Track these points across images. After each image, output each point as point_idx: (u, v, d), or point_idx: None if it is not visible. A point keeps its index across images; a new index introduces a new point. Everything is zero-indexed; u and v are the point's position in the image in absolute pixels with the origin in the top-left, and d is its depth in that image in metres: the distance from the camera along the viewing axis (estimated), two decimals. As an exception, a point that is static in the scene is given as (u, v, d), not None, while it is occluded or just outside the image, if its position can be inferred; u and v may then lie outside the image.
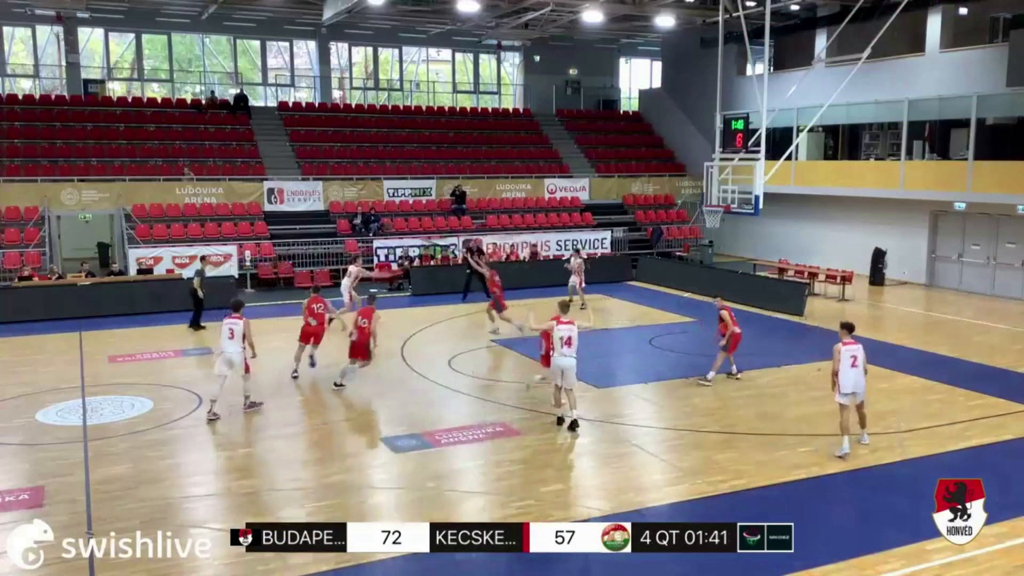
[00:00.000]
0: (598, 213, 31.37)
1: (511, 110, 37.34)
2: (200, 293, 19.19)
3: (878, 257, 25.83)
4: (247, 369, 12.76)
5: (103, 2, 29.06)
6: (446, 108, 35.90)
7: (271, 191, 27.83)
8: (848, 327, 11.23)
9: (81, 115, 28.97)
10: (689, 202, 32.87)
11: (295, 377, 14.89)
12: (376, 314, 13.72)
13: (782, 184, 25.56)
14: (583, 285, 21.65)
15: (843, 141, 29.43)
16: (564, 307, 12.50)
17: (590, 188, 32.48)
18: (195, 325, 19.38)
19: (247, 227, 26.60)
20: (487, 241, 27.14)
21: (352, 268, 19.96)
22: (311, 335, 15.18)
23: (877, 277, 25.75)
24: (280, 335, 18.74)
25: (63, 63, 30.97)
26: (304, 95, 35.42)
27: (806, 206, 28.39)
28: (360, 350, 13.88)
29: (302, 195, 28.30)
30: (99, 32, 32.07)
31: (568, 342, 11.89)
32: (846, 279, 23.39)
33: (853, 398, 10.98)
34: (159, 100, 31.18)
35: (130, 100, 30.76)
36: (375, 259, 25.88)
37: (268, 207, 27.67)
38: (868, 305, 22.96)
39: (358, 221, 27.50)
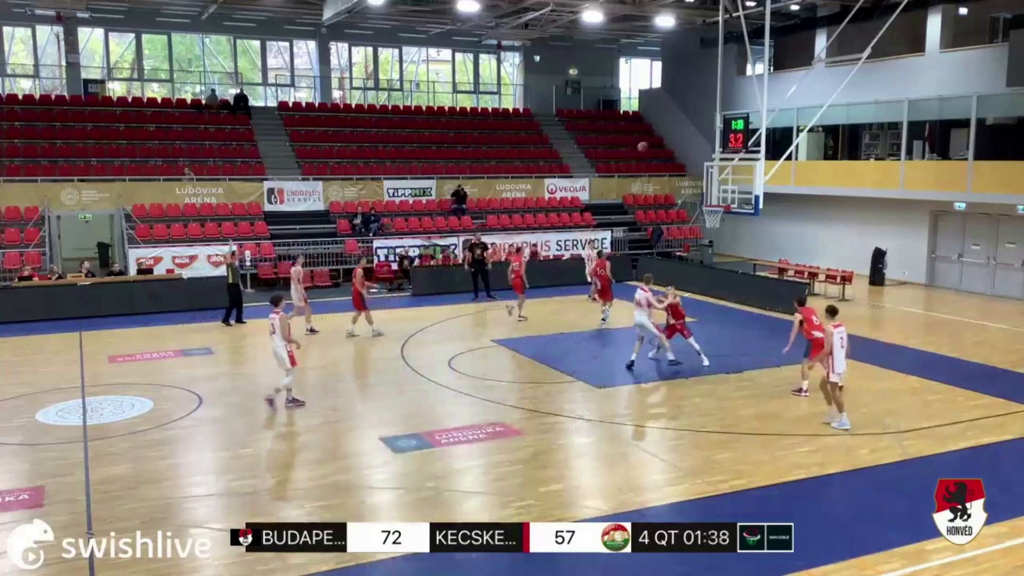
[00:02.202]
0: (598, 213, 31.36)
1: (511, 110, 37.33)
2: (242, 286, 19.55)
3: (878, 257, 25.81)
4: (291, 363, 12.91)
5: (103, 2, 29.05)
6: (446, 108, 35.89)
7: (271, 191, 27.82)
8: (833, 311, 12.08)
9: (81, 115, 28.96)
10: (689, 202, 32.86)
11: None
12: (607, 263, 19.57)
13: (782, 184, 25.55)
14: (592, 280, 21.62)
15: (843, 141, 29.40)
16: (648, 280, 15.58)
17: (590, 188, 32.48)
18: (228, 320, 19.60)
19: (247, 227, 26.58)
20: (487, 241, 27.00)
21: (295, 270, 19.30)
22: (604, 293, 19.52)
23: (877, 277, 25.73)
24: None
25: (63, 63, 30.95)
26: (304, 95, 35.41)
27: (806, 206, 28.38)
28: (606, 292, 19.16)
29: (302, 195, 28.30)
30: (99, 32, 32.05)
31: (640, 303, 15.04)
32: (846, 279, 23.38)
33: (841, 378, 11.80)
34: (159, 100, 31.16)
35: (130, 100, 30.75)
36: (375, 259, 25.85)
37: (268, 207, 27.66)
38: (868, 305, 22.95)
39: (358, 221, 27.49)
